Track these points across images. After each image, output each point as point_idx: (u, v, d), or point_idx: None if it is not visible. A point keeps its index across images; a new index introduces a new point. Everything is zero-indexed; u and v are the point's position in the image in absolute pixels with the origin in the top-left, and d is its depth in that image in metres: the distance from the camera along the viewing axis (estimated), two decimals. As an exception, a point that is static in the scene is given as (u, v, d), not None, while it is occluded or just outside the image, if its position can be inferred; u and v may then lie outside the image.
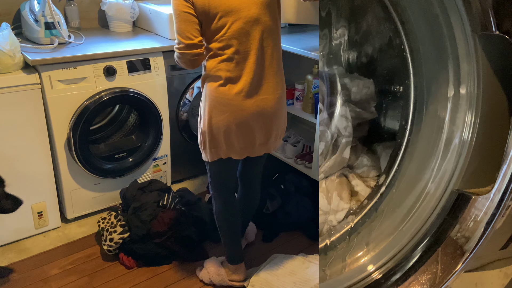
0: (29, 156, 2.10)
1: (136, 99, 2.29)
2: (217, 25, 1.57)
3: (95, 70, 2.14)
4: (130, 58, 2.25)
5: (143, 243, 2.09)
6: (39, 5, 2.18)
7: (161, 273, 2.06)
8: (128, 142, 2.48)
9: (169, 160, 2.61)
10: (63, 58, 2.05)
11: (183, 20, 1.57)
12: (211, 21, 1.57)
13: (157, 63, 2.34)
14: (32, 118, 2.07)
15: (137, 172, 2.48)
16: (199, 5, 1.55)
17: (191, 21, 1.57)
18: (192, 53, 1.59)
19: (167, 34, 2.46)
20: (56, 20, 2.17)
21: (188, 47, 1.58)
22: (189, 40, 1.57)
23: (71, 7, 2.52)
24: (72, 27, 2.54)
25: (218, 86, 1.63)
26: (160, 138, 2.47)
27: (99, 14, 2.68)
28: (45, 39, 2.17)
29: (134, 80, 2.28)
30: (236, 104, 1.63)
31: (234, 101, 1.62)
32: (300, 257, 2.02)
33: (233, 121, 1.64)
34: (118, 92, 2.21)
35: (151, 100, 2.34)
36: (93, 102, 2.15)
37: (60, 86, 2.08)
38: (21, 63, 2.04)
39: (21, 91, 2.00)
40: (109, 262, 2.12)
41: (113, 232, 2.09)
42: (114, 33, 2.58)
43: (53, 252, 2.16)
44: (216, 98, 1.64)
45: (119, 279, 2.02)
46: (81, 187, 2.31)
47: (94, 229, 2.31)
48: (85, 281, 2.00)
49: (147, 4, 2.63)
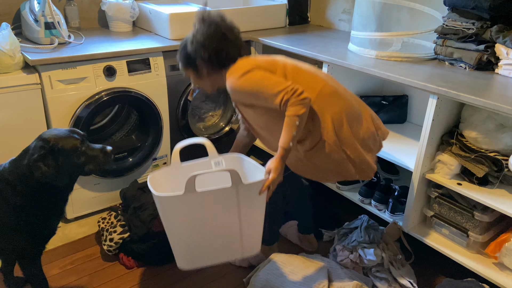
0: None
1: (136, 99, 2.29)
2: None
3: (95, 70, 2.14)
4: (130, 58, 2.25)
5: (143, 243, 2.08)
6: (39, 5, 2.18)
7: (161, 273, 2.06)
8: (128, 142, 2.48)
9: (169, 160, 2.61)
10: (63, 58, 2.05)
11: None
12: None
13: (157, 63, 2.33)
14: (32, 118, 2.07)
15: (137, 172, 2.48)
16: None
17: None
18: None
19: (167, 34, 2.45)
20: (56, 20, 2.17)
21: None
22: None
23: (71, 7, 2.52)
24: (72, 27, 2.54)
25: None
26: (160, 138, 2.47)
27: (99, 14, 2.69)
28: (45, 39, 2.17)
29: (134, 80, 2.28)
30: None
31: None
32: (300, 257, 2.01)
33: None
34: (118, 92, 2.21)
35: (151, 100, 2.34)
36: (93, 102, 2.15)
37: (60, 86, 2.08)
38: (21, 63, 2.04)
39: (21, 91, 2.00)
40: (109, 262, 2.11)
41: (113, 232, 2.09)
42: (114, 33, 2.58)
43: (53, 252, 2.16)
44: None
45: (119, 279, 2.02)
46: (81, 187, 2.31)
47: (94, 229, 2.31)
48: (85, 281, 2.00)
49: (147, 4, 2.63)
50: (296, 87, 1.55)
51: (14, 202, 1.54)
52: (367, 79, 2.49)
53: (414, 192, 2.00)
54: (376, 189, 2.24)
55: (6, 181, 1.54)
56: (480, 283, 1.77)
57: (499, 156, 1.80)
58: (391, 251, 2.03)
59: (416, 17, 2.22)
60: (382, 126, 1.83)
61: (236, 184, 1.50)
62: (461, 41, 2.01)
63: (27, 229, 1.59)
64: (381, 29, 2.23)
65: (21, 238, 1.60)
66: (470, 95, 1.67)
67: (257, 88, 1.61)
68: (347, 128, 1.68)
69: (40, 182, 1.53)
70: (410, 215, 2.05)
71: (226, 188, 1.51)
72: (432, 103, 1.84)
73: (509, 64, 1.90)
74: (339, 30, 2.87)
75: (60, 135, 1.58)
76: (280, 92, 1.55)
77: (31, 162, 1.51)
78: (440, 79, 1.87)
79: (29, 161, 1.52)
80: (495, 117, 1.83)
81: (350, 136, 1.69)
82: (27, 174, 1.53)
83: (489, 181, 1.85)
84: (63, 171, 1.56)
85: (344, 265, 2.01)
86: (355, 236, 2.08)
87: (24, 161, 1.55)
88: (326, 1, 2.92)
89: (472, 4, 1.93)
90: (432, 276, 2.07)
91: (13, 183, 1.54)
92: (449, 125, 1.97)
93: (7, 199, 1.54)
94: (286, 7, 2.91)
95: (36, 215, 1.59)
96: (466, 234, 1.93)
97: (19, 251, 1.64)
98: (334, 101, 1.68)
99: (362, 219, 2.14)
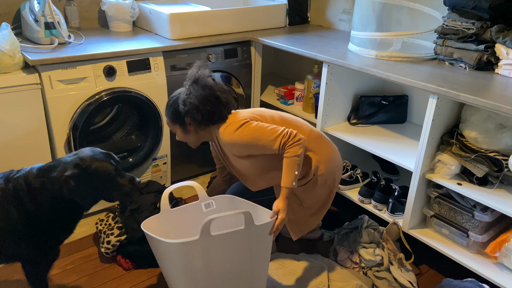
0: (29, 156, 2.10)
1: (136, 99, 2.29)
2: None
3: (95, 70, 2.14)
4: (130, 58, 2.25)
5: (140, 245, 2.08)
6: (39, 5, 2.18)
7: (160, 273, 2.06)
8: (128, 142, 2.48)
9: (169, 160, 2.61)
10: (63, 58, 2.05)
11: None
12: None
13: (157, 63, 2.33)
14: (32, 118, 2.07)
15: (137, 172, 2.48)
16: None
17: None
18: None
19: (167, 34, 2.46)
20: (56, 20, 2.17)
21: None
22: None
23: (71, 7, 2.52)
24: (72, 27, 2.54)
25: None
26: (160, 138, 2.47)
27: (99, 14, 2.68)
28: (45, 39, 2.17)
29: (134, 80, 2.28)
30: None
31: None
32: (300, 257, 2.02)
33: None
34: (118, 92, 2.21)
35: (151, 100, 2.34)
36: (93, 102, 2.15)
37: (60, 86, 2.08)
38: (21, 63, 2.04)
39: (21, 91, 2.00)
40: (109, 263, 2.11)
41: (110, 235, 2.08)
42: (114, 33, 2.58)
43: (53, 252, 2.16)
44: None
45: (119, 279, 2.02)
46: (81, 187, 2.30)
47: (93, 230, 2.31)
48: (85, 281, 2.00)
49: (147, 4, 2.63)
50: (290, 130, 1.69)
51: (28, 208, 1.54)
52: (367, 79, 2.49)
53: (414, 192, 2.00)
54: (376, 189, 2.24)
55: (28, 186, 1.55)
56: (480, 283, 1.77)
57: (499, 156, 1.80)
58: (391, 251, 2.03)
59: (416, 17, 2.22)
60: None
61: (248, 225, 1.54)
62: (461, 41, 2.01)
63: (34, 236, 1.59)
64: (381, 29, 2.23)
65: (25, 244, 1.59)
66: (470, 95, 1.67)
67: (255, 137, 1.71)
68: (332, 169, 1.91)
69: (63, 197, 1.55)
70: (410, 215, 2.05)
71: (239, 229, 1.55)
72: (432, 103, 1.84)
73: (509, 64, 1.90)
74: (339, 30, 2.87)
75: (97, 157, 1.59)
76: (278, 136, 1.68)
77: (63, 177, 1.53)
78: (440, 79, 1.87)
79: (60, 175, 1.54)
80: (495, 117, 1.83)
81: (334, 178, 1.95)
82: (52, 186, 1.54)
83: (489, 181, 1.85)
84: (91, 192, 1.58)
85: (344, 265, 2.01)
86: (355, 236, 2.08)
87: (53, 172, 1.55)
88: (326, 1, 2.92)
89: (472, 4, 1.93)
90: (432, 276, 2.07)
91: (35, 190, 1.54)
92: (449, 125, 1.97)
93: (22, 203, 1.54)
94: (286, 7, 2.91)
95: (45, 226, 1.59)
96: (466, 234, 1.92)
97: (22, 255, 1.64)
98: (321, 143, 1.90)
99: (362, 219, 2.14)
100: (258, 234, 1.60)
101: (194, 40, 2.47)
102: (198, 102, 1.74)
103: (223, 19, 2.61)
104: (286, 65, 3.27)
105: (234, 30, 2.68)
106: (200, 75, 1.79)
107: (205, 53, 2.51)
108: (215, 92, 1.77)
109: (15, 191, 1.54)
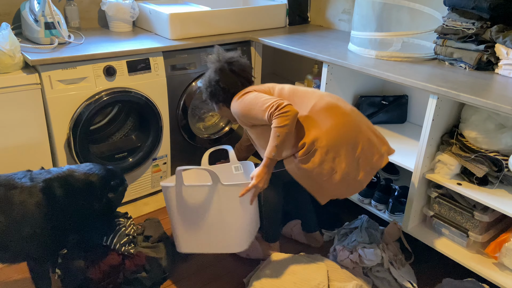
0: (29, 156, 2.10)
1: (136, 99, 2.29)
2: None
3: (95, 70, 2.14)
4: (130, 58, 2.25)
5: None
6: (39, 5, 2.18)
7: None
8: (128, 142, 2.48)
9: (169, 160, 2.61)
10: (63, 58, 2.05)
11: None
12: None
13: (157, 63, 2.34)
14: (32, 118, 2.07)
15: (137, 172, 2.48)
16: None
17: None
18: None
19: (167, 34, 2.46)
20: (56, 20, 2.17)
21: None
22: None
23: (71, 7, 2.52)
24: (72, 27, 2.54)
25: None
26: (160, 138, 2.47)
27: (99, 14, 2.68)
28: (45, 39, 2.17)
29: (134, 80, 2.28)
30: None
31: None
32: (300, 257, 2.01)
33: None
34: (118, 92, 2.21)
35: (151, 100, 2.34)
36: (93, 102, 2.15)
37: (60, 86, 2.08)
38: (21, 63, 2.04)
39: (21, 91, 2.00)
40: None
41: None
42: (114, 33, 2.58)
43: (53, 252, 2.16)
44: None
45: (119, 279, 2.02)
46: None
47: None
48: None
49: (147, 4, 2.63)
50: (281, 102, 1.69)
51: (54, 208, 1.63)
52: (367, 79, 2.49)
53: (414, 192, 2.00)
54: (376, 189, 2.24)
55: (67, 188, 1.68)
56: (480, 283, 1.77)
57: (499, 156, 1.80)
58: (391, 251, 2.03)
59: (416, 17, 2.22)
60: (383, 147, 1.89)
61: (215, 184, 1.73)
62: (461, 41, 2.01)
63: (48, 235, 1.63)
64: (381, 29, 2.23)
65: (36, 242, 1.62)
66: (470, 95, 1.67)
67: (249, 107, 1.78)
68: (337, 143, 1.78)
69: (93, 207, 1.74)
70: (410, 215, 2.05)
71: (207, 185, 1.75)
72: (432, 103, 1.84)
73: (509, 64, 1.90)
74: (339, 30, 2.87)
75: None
76: (268, 107, 1.71)
77: (105, 194, 1.77)
78: (440, 79, 1.87)
79: (101, 191, 1.76)
80: (495, 117, 1.83)
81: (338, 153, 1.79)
82: (89, 196, 1.72)
83: (489, 181, 1.85)
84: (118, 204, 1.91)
85: (344, 265, 2.01)
86: (355, 236, 2.08)
87: (93, 189, 1.73)
88: (326, 1, 2.92)
89: (472, 4, 1.93)
90: (432, 276, 2.07)
91: (72, 193, 1.68)
92: (449, 125, 1.97)
93: (50, 204, 1.62)
94: (286, 7, 2.91)
95: (62, 227, 1.67)
96: (466, 234, 1.93)
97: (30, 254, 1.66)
98: (326, 116, 1.78)
99: (362, 219, 2.14)
100: (228, 194, 1.75)
101: (194, 40, 2.48)
102: (224, 86, 1.91)
103: (223, 19, 2.61)
104: (286, 65, 3.27)
105: (234, 30, 2.68)
106: (225, 63, 1.93)
107: (205, 53, 2.51)
108: (240, 79, 1.94)
109: (46, 191, 1.62)
